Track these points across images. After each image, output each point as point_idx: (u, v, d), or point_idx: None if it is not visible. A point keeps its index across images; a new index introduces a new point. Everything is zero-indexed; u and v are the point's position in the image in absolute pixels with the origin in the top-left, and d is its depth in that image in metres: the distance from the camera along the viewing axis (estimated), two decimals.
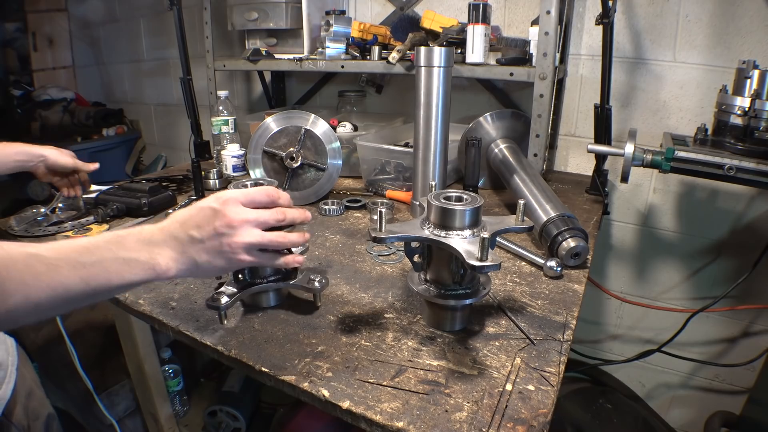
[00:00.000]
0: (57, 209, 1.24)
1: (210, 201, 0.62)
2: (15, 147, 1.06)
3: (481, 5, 1.31)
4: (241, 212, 0.61)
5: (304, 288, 0.80)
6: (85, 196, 1.25)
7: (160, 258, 0.58)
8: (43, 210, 1.22)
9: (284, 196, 0.69)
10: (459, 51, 1.40)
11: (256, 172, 1.32)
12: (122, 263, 0.55)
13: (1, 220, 1.20)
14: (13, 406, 0.79)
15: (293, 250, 0.74)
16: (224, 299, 0.74)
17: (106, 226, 1.18)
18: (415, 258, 0.75)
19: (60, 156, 1.11)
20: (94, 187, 1.30)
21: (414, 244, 0.73)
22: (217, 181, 1.47)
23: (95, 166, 1.22)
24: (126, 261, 0.55)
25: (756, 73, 1.02)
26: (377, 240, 0.69)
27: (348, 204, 1.30)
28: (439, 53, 1.04)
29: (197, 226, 0.60)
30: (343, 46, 1.59)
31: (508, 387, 0.63)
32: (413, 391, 0.62)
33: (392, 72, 1.46)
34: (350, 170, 1.57)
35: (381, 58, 1.50)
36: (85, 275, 0.53)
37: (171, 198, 1.31)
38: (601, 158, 1.39)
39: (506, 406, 0.60)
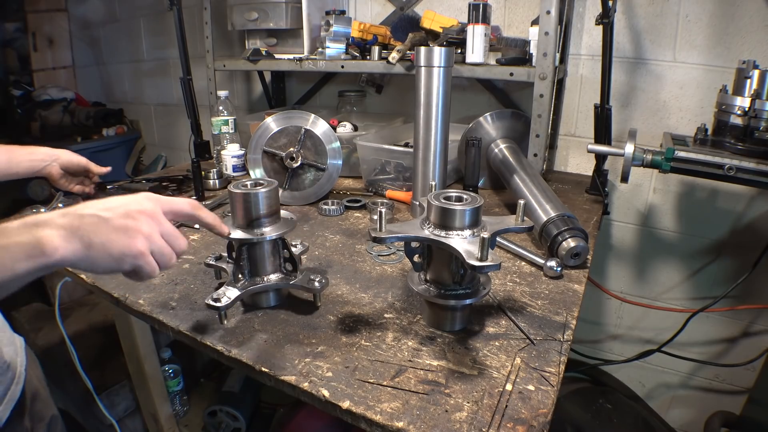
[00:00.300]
0: (57, 209, 1.23)
1: (132, 195, 0.61)
2: (26, 148, 1.05)
3: (481, 5, 1.31)
4: (158, 213, 0.61)
5: (304, 288, 0.80)
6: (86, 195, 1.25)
7: (46, 238, 0.52)
8: (43, 210, 1.22)
9: (208, 216, 0.68)
10: (459, 51, 1.40)
11: (256, 172, 1.32)
12: (3, 252, 0.50)
13: (1, 220, 1.20)
14: (21, 408, 0.78)
15: None
16: (224, 299, 0.74)
17: None
18: (415, 258, 0.75)
19: (73, 155, 1.12)
20: None
21: (414, 244, 0.73)
22: (217, 181, 1.47)
23: (107, 169, 1.23)
24: (6, 248, 0.50)
25: (756, 73, 1.02)
26: (377, 240, 0.69)
27: (348, 204, 1.30)
28: (439, 53, 1.04)
29: (108, 208, 0.57)
30: (343, 46, 1.59)
31: (508, 387, 0.63)
32: (413, 391, 0.62)
33: (392, 72, 1.46)
34: (350, 170, 1.56)
35: (381, 58, 1.50)
36: None
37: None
38: (601, 158, 1.39)
39: (506, 406, 0.60)
